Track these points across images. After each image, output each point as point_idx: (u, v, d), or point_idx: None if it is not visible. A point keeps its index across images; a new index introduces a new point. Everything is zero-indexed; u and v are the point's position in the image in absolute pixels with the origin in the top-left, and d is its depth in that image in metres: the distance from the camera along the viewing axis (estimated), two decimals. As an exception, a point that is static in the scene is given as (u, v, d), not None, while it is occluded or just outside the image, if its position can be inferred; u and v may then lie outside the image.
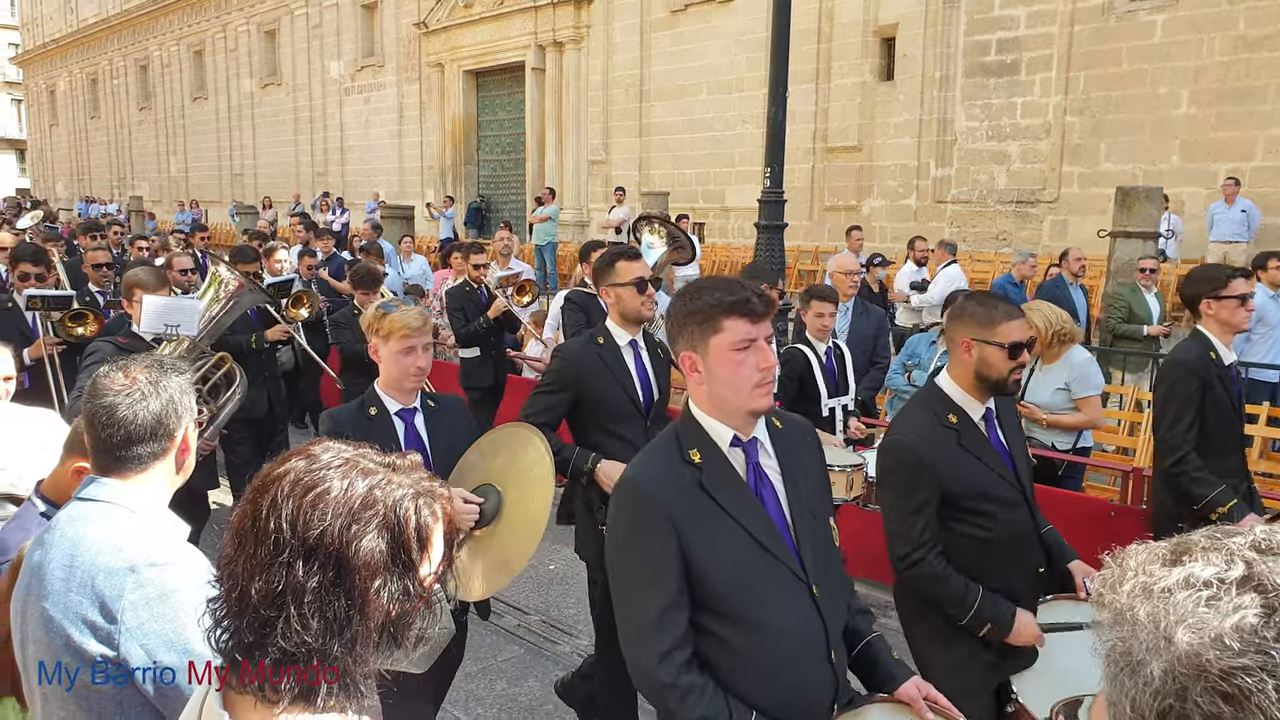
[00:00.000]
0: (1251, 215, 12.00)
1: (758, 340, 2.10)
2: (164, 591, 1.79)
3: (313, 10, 28.99)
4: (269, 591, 1.17)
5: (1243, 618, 0.74)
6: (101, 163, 40.99)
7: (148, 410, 1.98)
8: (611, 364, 3.82)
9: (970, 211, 15.33)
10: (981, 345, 2.89)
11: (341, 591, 1.17)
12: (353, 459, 1.24)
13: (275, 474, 1.23)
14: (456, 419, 3.37)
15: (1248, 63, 12.42)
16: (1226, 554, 0.79)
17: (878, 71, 16.37)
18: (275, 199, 27.63)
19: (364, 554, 1.18)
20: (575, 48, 21.37)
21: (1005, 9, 14.55)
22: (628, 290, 3.83)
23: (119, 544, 1.84)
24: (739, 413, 2.14)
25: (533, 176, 22.56)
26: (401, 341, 3.12)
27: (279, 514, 1.18)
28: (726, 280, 2.21)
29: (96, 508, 1.93)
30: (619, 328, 3.90)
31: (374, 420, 3.17)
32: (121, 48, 38.75)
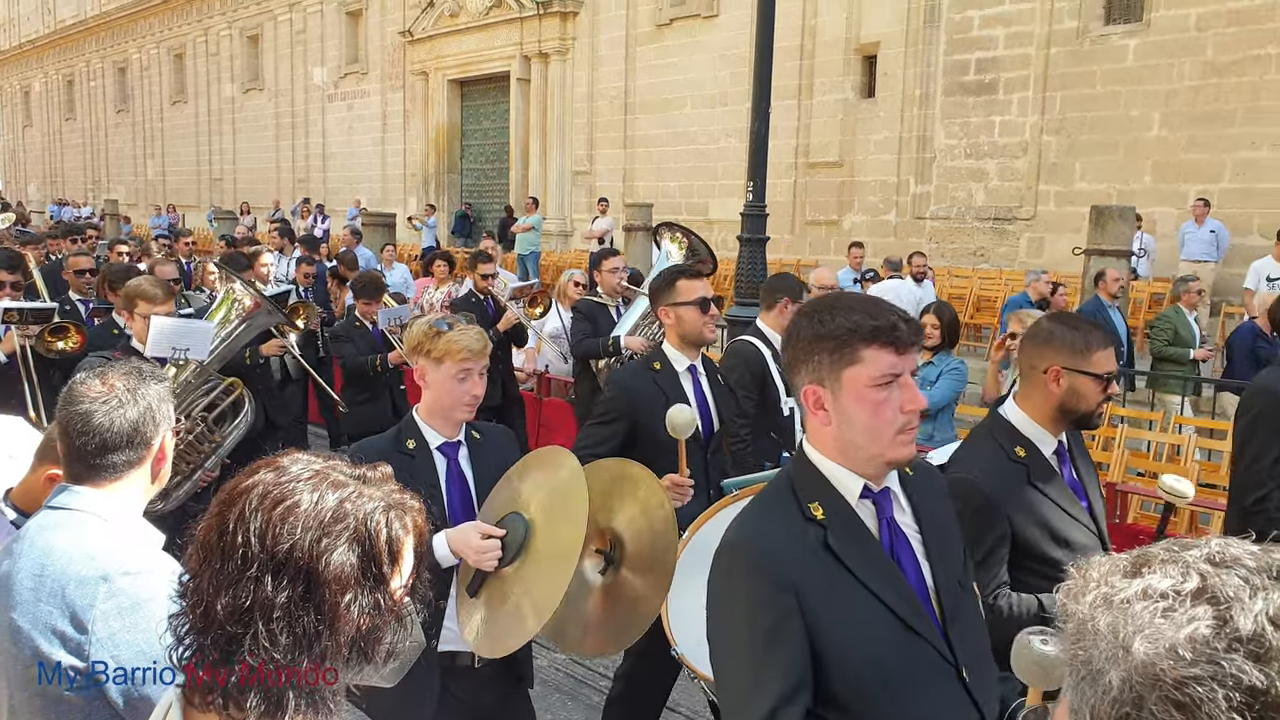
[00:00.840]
0: (1220, 235, 12.32)
1: (903, 375, 1.76)
2: (136, 601, 1.75)
3: (296, 16, 28.97)
4: (236, 607, 1.13)
5: (1195, 629, 0.75)
6: (76, 165, 40.61)
7: (124, 418, 1.93)
8: (669, 391, 3.56)
9: (949, 228, 15.61)
10: (1073, 375, 2.59)
11: (311, 606, 1.14)
12: (322, 471, 1.22)
13: (243, 486, 1.20)
14: (504, 453, 2.94)
15: (1216, 87, 12.78)
16: (1183, 566, 0.81)
17: (859, 89, 16.64)
18: (254, 205, 27.56)
19: (334, 568, 1.15)
20: (560, 59, 21.54)
21: (984, 30, 14.87)
22: (690, 310, 3.60)
23: (91, 553, 1.80)
24: (874, 461, 1.78)
25: (516, 186, 22.67)
26: (458, 365, 2.73)
27: (247, 528, 1.15)
28: (864, 299, 1.87)
29: (68, 516, 1.88)
30: (677, 351, 3.67)
31: (413, 456, 2.77)
32: (99, 50, 38.45)
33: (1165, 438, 7.22)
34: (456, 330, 2.76)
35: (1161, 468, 6.88)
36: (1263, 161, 12.49)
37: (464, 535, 2.57)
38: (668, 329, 3.71)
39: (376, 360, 6.46)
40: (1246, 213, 12.66)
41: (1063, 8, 14.04)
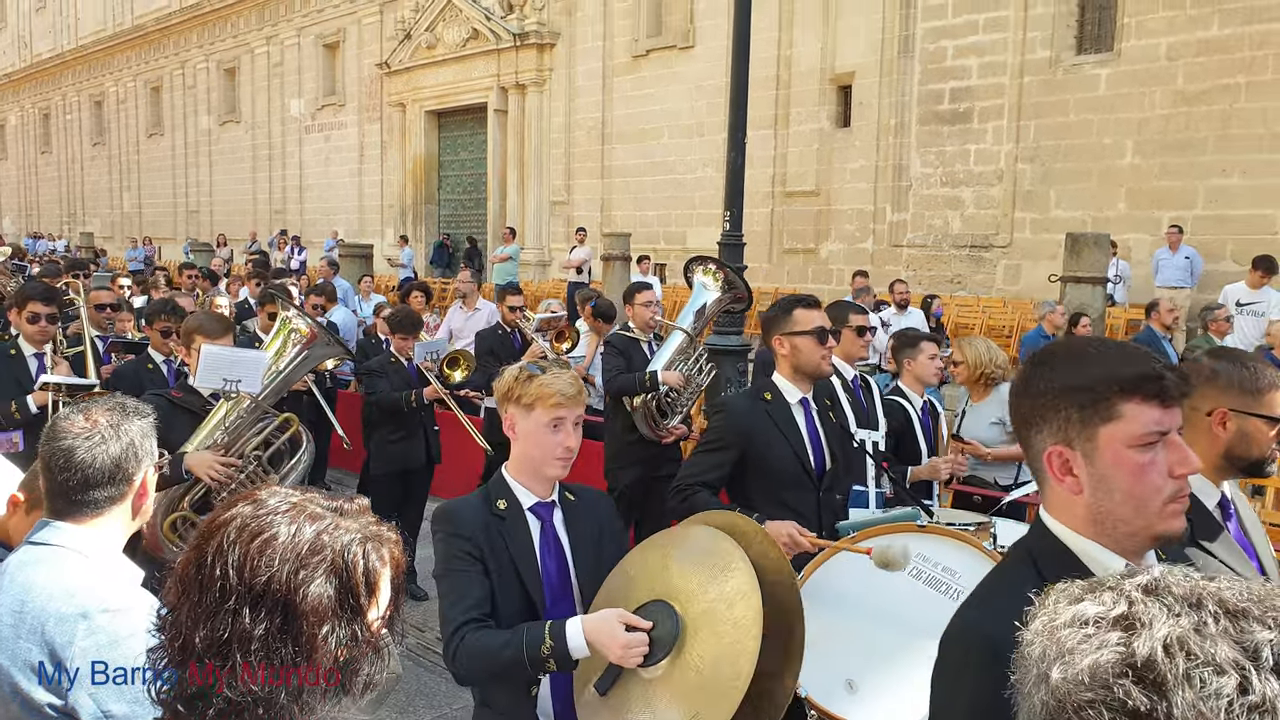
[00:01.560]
0: (1195, 262, 12.41)
1: (1170, 433, 1.50)
2: (115, 638, 1.75)
3: (273, 48, 29.00)
4: (214, 640, 1.14)
5: (1100, 656, 0.78)
6: (51, 198, 40.34)
7: (107, 454, 1.93)
8: (782, 424, 3.43)
9: (925, 255, 15.67)
10: (1242, 417, 2.33)
11: (289, 638, 1.14)
12: (300, 503, 1.22)
13: (221, 520, 1.20)
14: (601, 518, 2.66)
15: (1187, 116, 12.92)
16: (1118, 593, 0.82)
17: (835, 118, 16.75)
18: (231, 236, 27.38)
19: (312, 599, 1.15)
20: (538, 90, 21.60)
21: (958, 59, 15.02)
22: (807, 341, 3.44)
23: (70, 590, 1.80)
24: (1138, 536, 1.53)
25: (494, 216, 22.65)
26: (551, 412, 2.44)
27: (225, 560, 1.15)
28: (1117, 345, 1.62)
29: (49, 552, 1.88)
30: (790, 383, 3.51)
31: (504, 518, 2.48)
32: (76, 83, 38.35)
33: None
34: (549, 374, 2.48)
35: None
36: (1234, 188, 12.62)
37: (608, 625, 2.20)
38: (780, 359, 3.54)
39: (411, 396, 6.17)
40: (1220, 239, 12.76)
41: (1035, 38, 14.20)
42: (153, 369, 5.58)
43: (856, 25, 16.11)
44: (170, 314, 5.60)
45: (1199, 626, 0.78)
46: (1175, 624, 0.78)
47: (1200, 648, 0.77)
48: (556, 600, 2.46)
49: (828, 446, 3.53)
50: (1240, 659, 0.76)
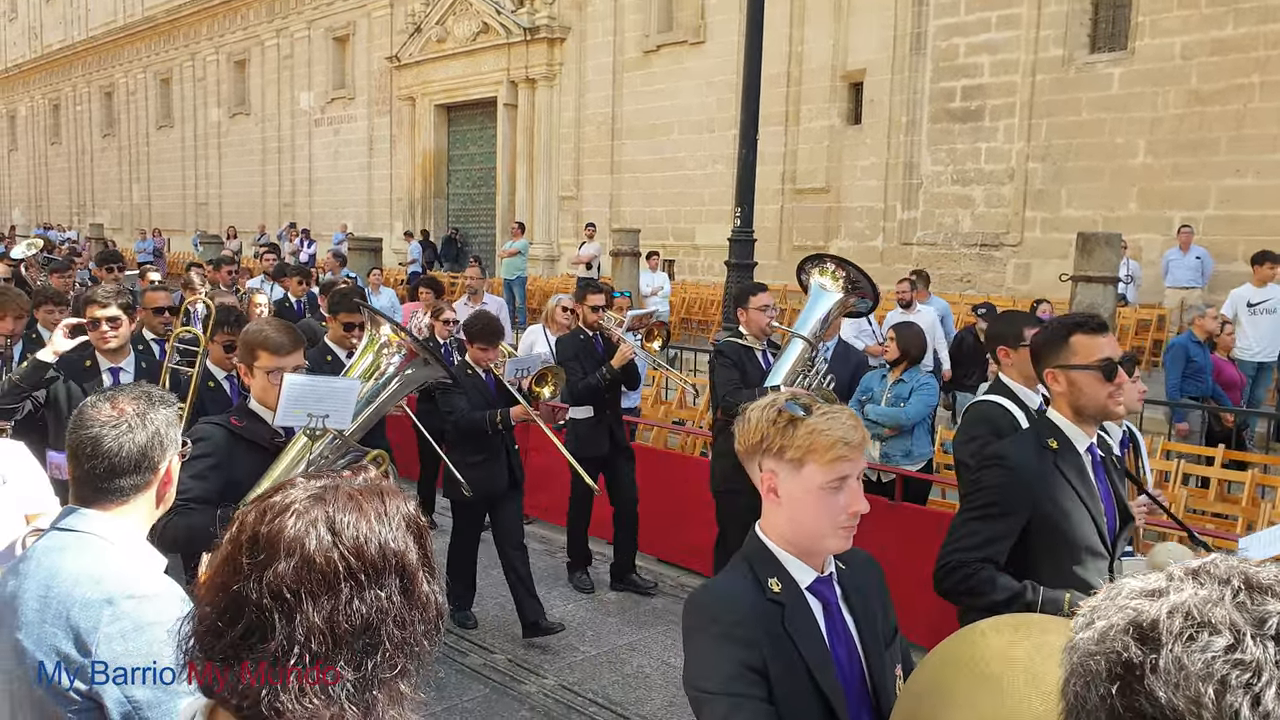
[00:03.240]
0: (1205, 262, 12.35)
1: None
2: (140, 624, 1.77)
3: (284, 41, 29.03)
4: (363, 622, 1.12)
5: (1116, 617, 0.84)
6: (61, 189, 40.47)
7: (133, 442, 1.95)
8: (1075, 479, 2.77)
9: (935, 254, 15.63)
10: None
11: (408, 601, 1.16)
12: (330, 485, 1.21)
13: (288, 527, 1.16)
14: (871, 583, 2.07)
15: (1200, 116, 12.86)
16: (1168, 575, 0.87)
17: (846, 115, 16.71)
18: (240, 229, 27.46)
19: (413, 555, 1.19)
20: (547, 85, 21.59)
21: (969, 57, 14.96)
22: (1089, 377, 2.76)
23: (96, 576, 1.82)
24: None
25: (503, 211, 22.65)
26: (831, 469, 1.85)
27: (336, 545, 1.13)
28: None
29: (74, 538, 1.90)
30: (1075, 426, 2.82)
31: (783, 604, 1.88)
32: (86, 74, 38.44)
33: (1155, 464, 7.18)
34: (820, 415, 1.88)
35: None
36: (1247, 189, 12.56)
37: None
38: (1056, 396, 2.87)
39: (496, 417, 5.51)
40: (1231, 239, 12.70)
41: (1048, 36, 14.14)
42: (214, 387, 4.93)
43: (868, 22, 16.05)
44: (234, 326, 4.92)
45: (1213, 596, 0.81)
46: (1193, 594, 0.81)
47: (1201, 611, 0.80)
48: (857, 711, 1.90)
49: (1118, 503, 2.90)
50: (1239, 623, 0.78)
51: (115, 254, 10.99)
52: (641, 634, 5.85)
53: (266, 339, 3.37)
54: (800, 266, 5.53)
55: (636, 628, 5.93)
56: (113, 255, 10.47)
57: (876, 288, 5.52)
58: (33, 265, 10.07)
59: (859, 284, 5.37)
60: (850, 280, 5.36)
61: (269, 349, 3.35)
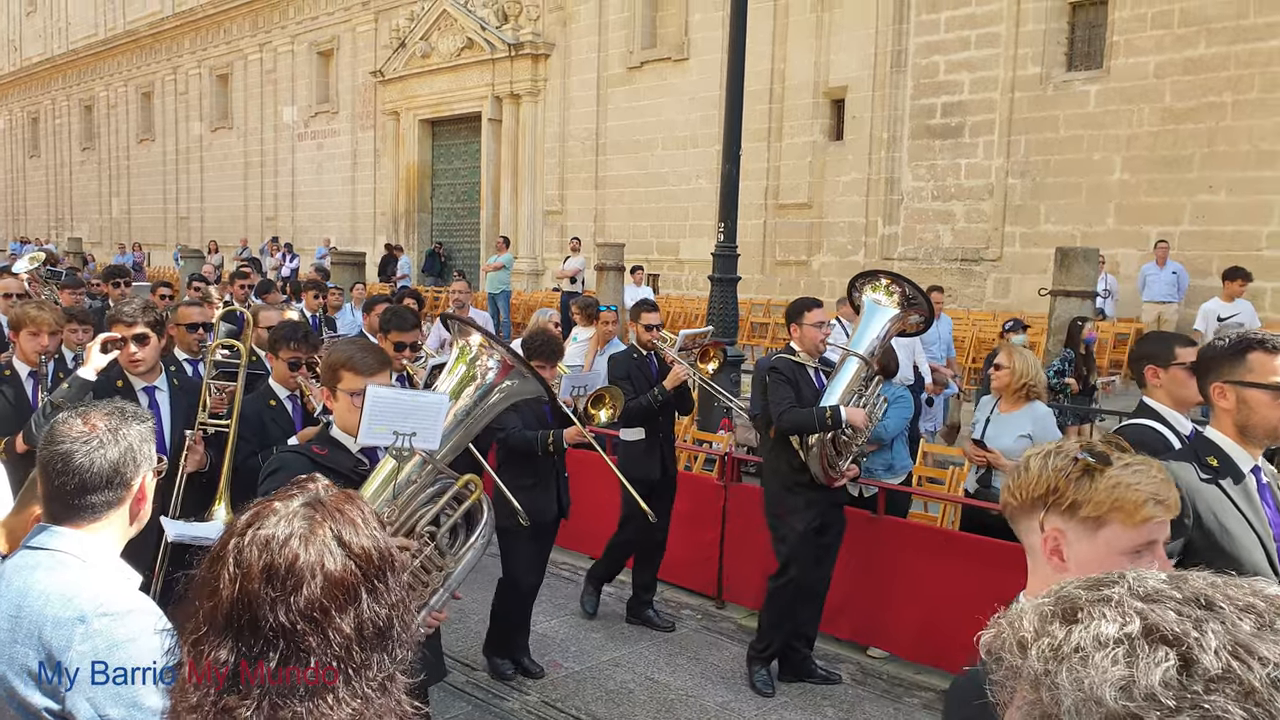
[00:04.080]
0: (1182, 277, 12.55)
1: None
2: (114, 642, 1.74)
3: (267, 55, 29.01)
4: (385, 621, 1.21)
5: (1165, 671, 0.77)
6: (39, 203, 40.18)
7: (104, 458, 1.91)
8: (1239, 499, 2.62)
9: (916, 268, 15.77)
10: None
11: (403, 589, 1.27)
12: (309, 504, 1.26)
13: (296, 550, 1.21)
14: None
15: (1174, 133, 13.08)
16: (1118, 607, 0.82)
17: (828, 131, 16.88)
18: (222, 243, 27.36)
19: (400, 554, 1.29)
20: (532, 100, 21.68)
21: (949, 74, 15.16)
22: (1264, 396, 2.60)
23: (68, 594, 1.79)
24: None
25: (487, 225, 22.68)
26: (1138, 531, 1.61)
27: (351, 558, 1.22)
28: None
29: (47, 556, 1.87)
30: (1239, 446, 2.68)
31: None
32: (66, 87, 38.24)
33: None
34: (1124, 466, 1.62)
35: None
36: (1220, 205, 12.78)
37: None
38: (1220, 413, 2.71)
39: (549, 438, 5.11)
40: (1206, 254, 12.91)
41: (1026, 54, 14.36)
42: (276, 406, 4.60)
43: (849, 40, 16.24)
44: (301, 341, 4.60)
45: (1254, 629, 0.78)
46: (1215, 630, 0.78)
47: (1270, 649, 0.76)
48: None
49: None
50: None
51: (122, 268, 10.59)
52: (625, 650, 5.82)
53: (351, 359, 3.13)
54: (852, 284, 5.36)
55: (620, 643, 5.92)
56: (119, 270, 10.11)
57: (932, 304, 5.35)
58: (36, 280, 9.33)
59: (914, 300, 5.17)
60: (906, 296, 5.16)
61: (355, 369, 3.09)
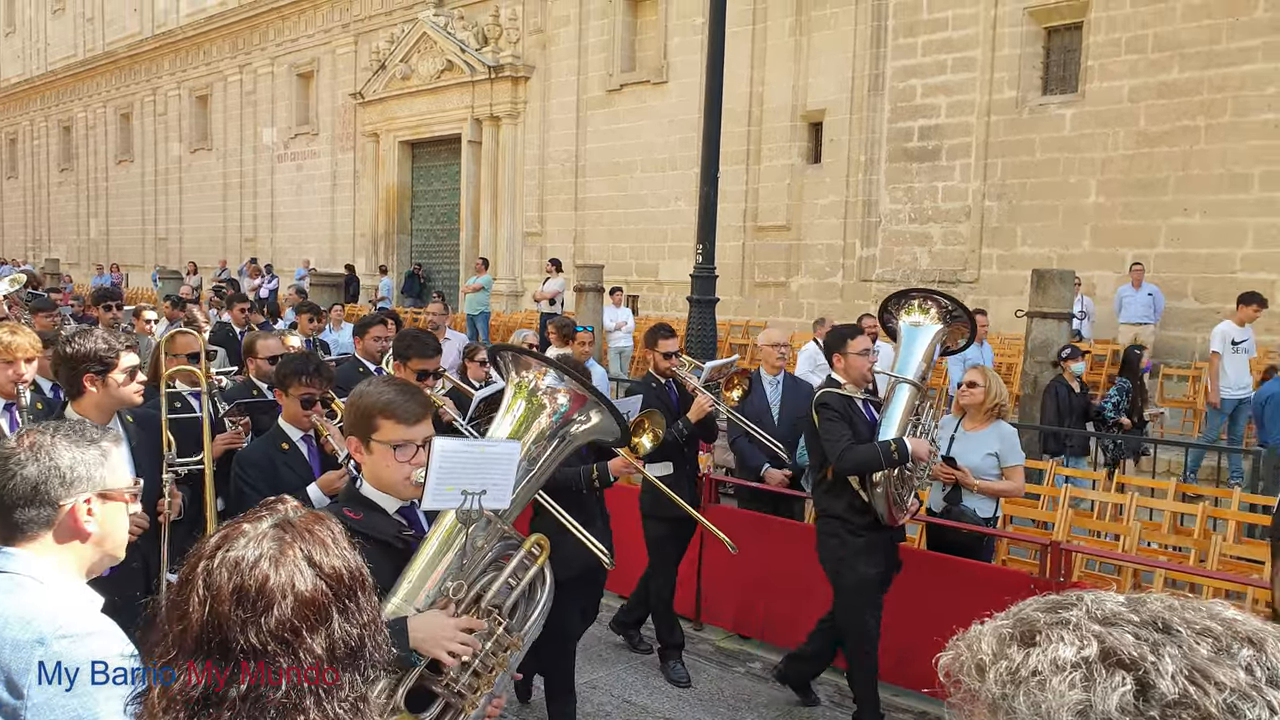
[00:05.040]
0: (1157, 299, 12.64)
1: None
2: (74, 664, 1.71)
3: (246, 77, 28.96)
4: (357, 641, 1.22)
5: (1122, 696, 0.76)
6: (16, 223, 39.87)
7: (23, 476, 1.88)
8: None
9: (894, 290, 15.81)
10: None
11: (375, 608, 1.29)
12: (279, 526, 1.26)
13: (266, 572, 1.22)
14: None
15: (1149, 157, 13.21)
16: (1075, 630, 0.82)
17: (806, 154, 16.96)
18: (201, 265, 27.18)
19: (369, 575, 1.30)
20: (512, 122, 21.70)
21: (926, 98, 15.28)
22: None
23: (26, 616, 1.76)
24: None
25: (466, 246, 22.63)
26: None
27: (321, 578, 1.23)
28: None
29: (5, 579, 1.85)
30: None
31: None
32: (44, 108, 38.05)
33: (1108, 497, 7.29)
34: None
35: (1105, 526, 6.96)
36: (1194, 228, 12.89)
37: None
38: None
39: (594, 473, 4.65)
40: (1181, 277, 13.01)
41: (1002, 78, 14.49)
42: (289, 450, 4.04)
43: (827, 64, 16.36)
44: (314, 376, 4.08)
45: (1210, 652, 0.78)
46: (1170, 654, 0.78)
47: (1226, 676, 0.76)
48: None
49: None
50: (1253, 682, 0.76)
51: (112, 290, 9.95)
52: (602, 672, 5.79)
53: (391, 405, 2.55)
54: (884, 310, 5.02)
55: (597, 665, 5.86)
56: (110, 292, 9.43)
57: (972, 315, 5.03)
58: (16, 304, 8.79)
59: (955, 312, 4.85)
60: (945, 310, 4.85)
61: (395, 417, 2.54)
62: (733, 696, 5.55)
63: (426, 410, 2.65)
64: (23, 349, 4.31)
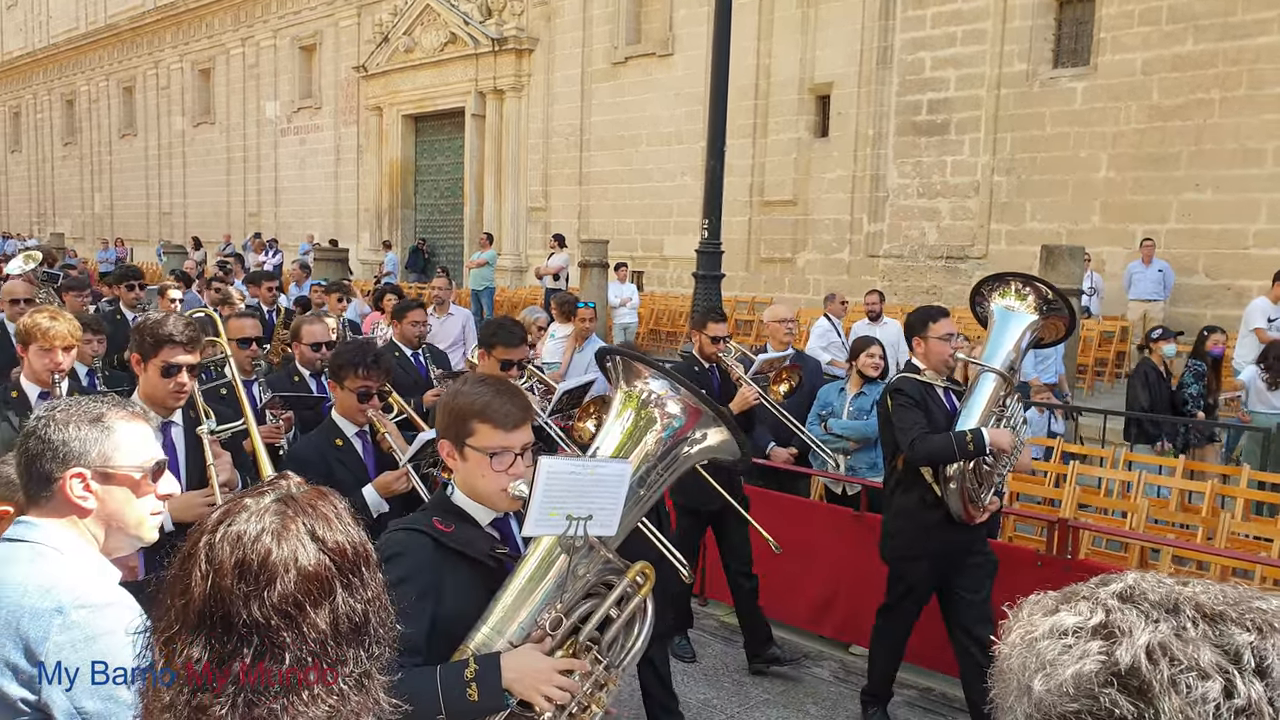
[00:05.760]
0: (1167, 275, 12.50)
1: None
2: (91, 635, 1.74)
3: (249, 50, 28.76)
4: (361, 618, 1.21)
5: (1083, 665, 0.77)
6: (21, 198, 39.80)
7: (24, 449, 1.91)
8: None
9: (902, 266, 15.72)
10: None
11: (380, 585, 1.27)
12: (281, 501, 1.25)
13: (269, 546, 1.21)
14: None
15: (1161, 130, 13.04)
16: (1094, 602, 0.82)
17: (813, 128, 16.79)
18: (205, 239, 27.14)
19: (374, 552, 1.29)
20: (516, 95, 21.53)
21: (935, 71, 15.09)
22: None
23: (46, 585, 1.78)
24: None
25: (470, 221, 22.53)
26: None
27: (324, 553, 1.22)
28: None
29: (26, 549, 1.86)
30: None
31: None
32: (47, 82, 37.88)
33: (1116, 474, 7.24)
34: None
35: (1112, 503, 6.91)
36: (1206, 203, 12.74)
37: None
38: None
39: None
40: (1192, 253, 12.88)
41: (1012, 50, 14.30)
42: (343, 447, 3.77)
43: (835, 36, 16.16)
44: (372, 367, 3.75)
45: (1179, 631, 0.78)
46: (1155, 630, 0.78)
47: (1183, 652, 0.77)
48: None
49: None
50: (1222, 662, 0.76)
51: (133, 270, 9.28)
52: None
53: (489, 407, 2.32)
54: (975, 292, 4.74)
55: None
56: (133, 270, 8.87)
57: (1073, 306, 4.69)
58: (32, 282, 8.33)
59: (1055, 304, 4.54)
60: (1044, 299, 4.53)
61: (493, 421, 2.31)
62: (737, 670, 5.56)
63: (527, 415, 2.39)
64: (62, 336, 4.04)
